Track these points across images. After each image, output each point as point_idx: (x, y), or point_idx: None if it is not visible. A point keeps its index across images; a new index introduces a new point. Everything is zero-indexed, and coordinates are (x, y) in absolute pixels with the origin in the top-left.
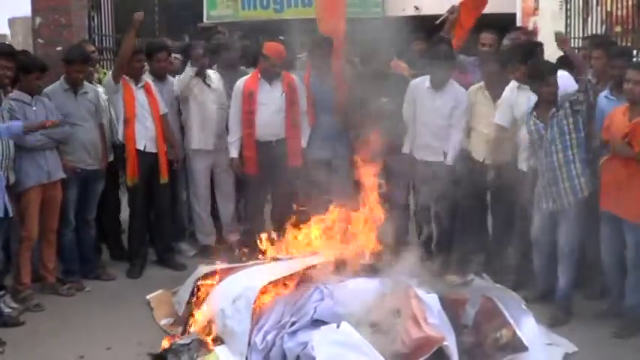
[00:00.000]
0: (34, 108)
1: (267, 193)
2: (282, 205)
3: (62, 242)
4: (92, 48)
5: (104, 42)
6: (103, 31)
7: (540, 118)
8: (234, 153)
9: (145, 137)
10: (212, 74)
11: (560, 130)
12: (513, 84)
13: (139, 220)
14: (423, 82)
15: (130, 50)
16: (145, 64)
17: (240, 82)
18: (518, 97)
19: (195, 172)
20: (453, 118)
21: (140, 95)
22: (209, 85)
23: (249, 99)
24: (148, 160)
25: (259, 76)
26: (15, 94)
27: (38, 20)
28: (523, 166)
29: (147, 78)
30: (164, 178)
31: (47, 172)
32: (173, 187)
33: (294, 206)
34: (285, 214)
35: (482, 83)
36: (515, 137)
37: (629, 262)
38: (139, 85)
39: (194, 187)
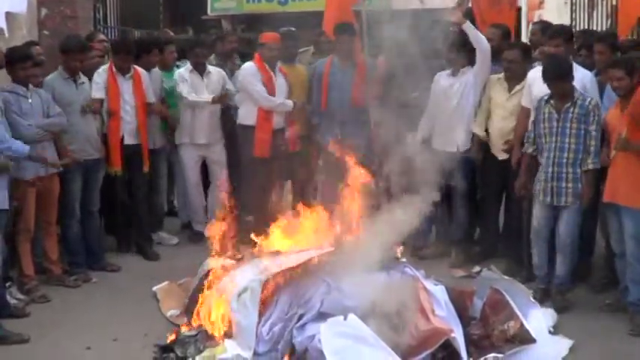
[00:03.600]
0: (30, 100)
1: (277, 180)
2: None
3: (67, 234)
4: (103, 37)
5: (109, 34)
6: (109, 23)
7: (555, 108)
8: (290, 104)
9: (124, 129)
10: (212, 70)
11: (576, 128)
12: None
13: (120, 208)
14: (446, 72)
15: None
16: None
17: (252, 66)
18: (534, 76)
19: (185, 165)
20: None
21: (126, 86)
22: (202, 80)
23: (269, 84)
24: (127, 152)
25: (266, 65)
26: (9, 86)
27: (44, 12)
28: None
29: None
30: (147, 166)
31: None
32: (152, 177)
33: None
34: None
35: (502, 74)
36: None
37: (628, 254)
38: (128, 75)
39: (185, 179)
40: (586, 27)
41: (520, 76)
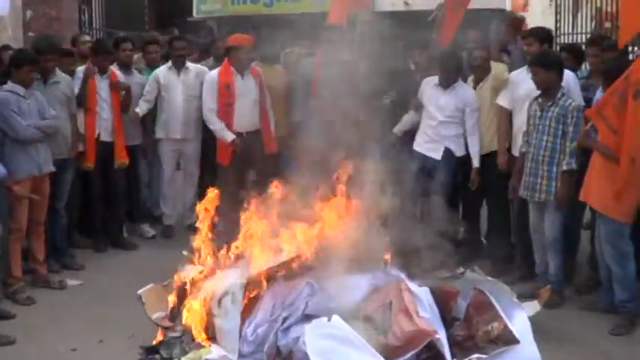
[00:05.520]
0: (28, 101)
1: (245, 183)
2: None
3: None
4: (87, 38)
5: (94, 36)
6: (94, 25)
7: (540, 106)
8: (229, 137)
9: (100, 127)
10: (192, 67)
11: (554, 127)
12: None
13: (98, 204)
14: (434, 79)
15: None
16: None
17: (213, 75)
18: (520, 77)
19: (162, 157)
20: (466, 121)
21: (103, 85)
22: (179, 76)
23: (226, 91)
24: (103, 149)
25: (231, 68)
26: (9, 86)
27: (29, 14)
28: (516, 152)
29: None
30: (122, 160)
31: (38, 164)
32: (134, 172)
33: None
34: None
35: (471, 77)
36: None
37: (606, 257)
38: (104, 75)
39: (162, 170)
40: (570, 29)
41: (483, 76)
